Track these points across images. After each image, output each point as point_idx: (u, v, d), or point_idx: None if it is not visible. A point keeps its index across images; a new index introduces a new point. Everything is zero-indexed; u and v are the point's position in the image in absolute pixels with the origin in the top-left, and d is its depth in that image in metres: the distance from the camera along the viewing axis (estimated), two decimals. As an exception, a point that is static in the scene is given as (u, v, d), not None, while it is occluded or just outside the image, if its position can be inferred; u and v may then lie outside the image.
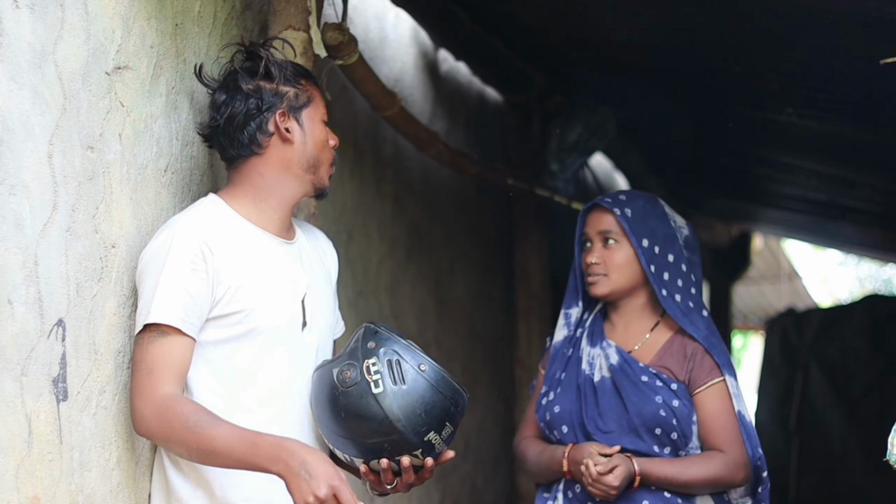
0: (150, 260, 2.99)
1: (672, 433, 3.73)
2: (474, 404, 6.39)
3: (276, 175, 3.19)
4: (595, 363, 3.87)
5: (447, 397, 2.99)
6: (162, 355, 2.94)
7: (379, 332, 3.05)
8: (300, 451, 2.83)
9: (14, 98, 2.53)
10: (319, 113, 3.23)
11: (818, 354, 9.69)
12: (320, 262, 3.39)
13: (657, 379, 3.78)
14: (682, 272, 3.87)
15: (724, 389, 3.81)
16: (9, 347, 2.50)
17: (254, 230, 3.17)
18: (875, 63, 3.06)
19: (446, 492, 5.84)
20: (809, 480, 9.61)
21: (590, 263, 3.87)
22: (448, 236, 6.16)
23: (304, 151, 3.19)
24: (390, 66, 5.35)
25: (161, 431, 2.92)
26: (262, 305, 3.10)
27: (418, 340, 3.72)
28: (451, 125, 6.10)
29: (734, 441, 3.77)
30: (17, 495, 2.53)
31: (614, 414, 3.77)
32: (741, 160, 7.83)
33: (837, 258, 21.43)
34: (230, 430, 2.88)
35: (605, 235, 3.86)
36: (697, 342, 3.82)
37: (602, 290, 3.86)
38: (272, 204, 3.20)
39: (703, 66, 5.06)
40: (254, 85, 3.15)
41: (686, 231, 3.93)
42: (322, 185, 3.27)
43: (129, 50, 2.97)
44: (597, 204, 3.91)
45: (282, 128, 3.16)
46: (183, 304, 2.96)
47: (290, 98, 3.18)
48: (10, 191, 2.51)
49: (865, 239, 10.96)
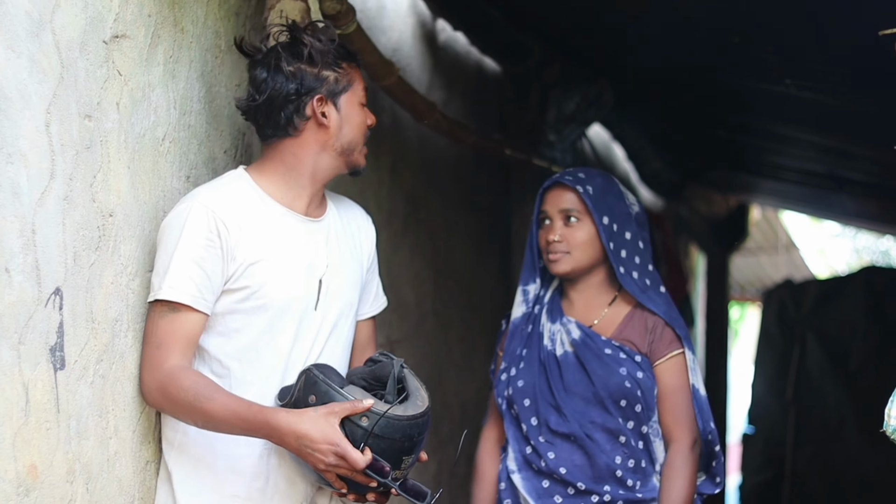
0: (166, 229, 3.07)
1: (637, 405, 3.78)
2: (470, 374, 6.40)
3: (310, 156, 3.22)
4: (556, 338, 3.90)
5: (396, 439, 2.96)
6: (172, 331, 3.02)
7: (318, 383, 3.01)
8: (291, 427, 2.91)
9: (11, 67, 2.53)
10: (358, 96, 3.25)
11: (815, 326, 9.71)
12: (351, 240, 3.40)
13: (620, 351, 3.82)
14: (639, 249, 3.90)
15: (682, 362, 3.85)
16: (6, 316, 2.51)
17: (276, 207, 3.20)
18: (874, 34, 3.05)
19: (442, 463, 5.85)
20: (805, 451, 9.65)
21: (551, 241, 3.87)
22: (445, 206, 6.15)
23: (339, 135, 3.22)
24: (388, 36, 5.33)
25: (165, 403, 3.03)
26: (273, 283, 3.14)
27: (416, 311, 3.73)
28: (449, 95, 6.09)
29: (686, 419, 3.83)
30: (14, 464, 2.53)
31: (580, 387, 3.81)
32: (739, 131, 7.82)
33: (835, 230, 21.42)
34: (225, 406, 2.97)
35: (567, 213, 3.86)
36: (657, 316, 3.85)
37: (564, 267, 3.87)
38: (302, 182, 3.23)
39: (701, 36, 5.05)
40: (295, 67, 3.16)
41: (636, 208, 3.96)
42: (356, 166, 3.31)
43: (126, 19, 2.96)
44: (558, 181, 3.92)
45: (318, 112, 3.18)
46: (196, 280, 3.03)
47: (329, 83, 3.19)
48: (7, 159, 2.50)
49: (863, 210, 10.96)
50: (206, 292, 3.06)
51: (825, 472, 9.45)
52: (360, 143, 3.27)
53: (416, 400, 3.05)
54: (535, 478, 3.84)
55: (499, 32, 6.05)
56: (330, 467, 2.90)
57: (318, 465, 2.91)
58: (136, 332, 3.05)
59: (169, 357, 3.01)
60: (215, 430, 3.02)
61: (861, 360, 9.27)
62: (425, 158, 5.79)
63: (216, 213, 3.07)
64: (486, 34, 6.11)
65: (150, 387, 3.03)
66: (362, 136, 3.28)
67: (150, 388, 3.03)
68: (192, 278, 3.03)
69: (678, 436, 3.81)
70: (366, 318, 3.51)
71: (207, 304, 3.08)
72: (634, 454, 3.80)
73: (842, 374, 9.42)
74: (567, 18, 5.69)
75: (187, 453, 3.12)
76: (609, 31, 5.64)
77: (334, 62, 3.20)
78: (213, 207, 3.08)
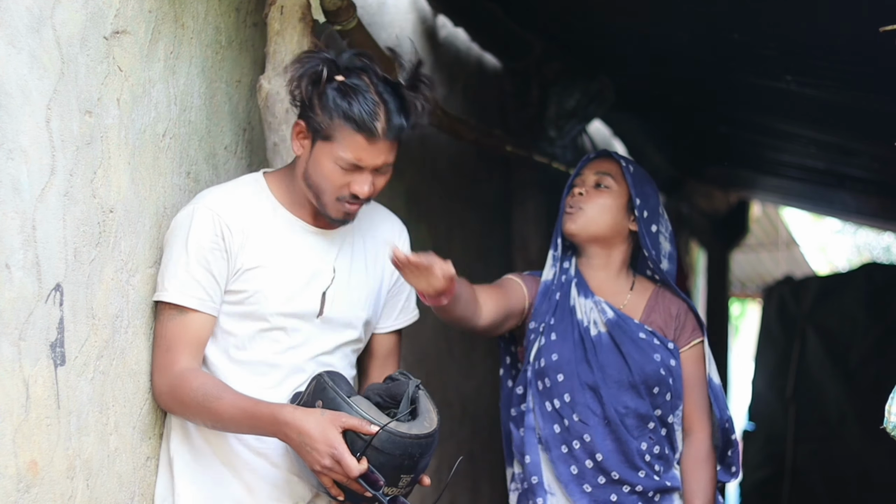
0: (174, 231, 3.09)
1: (667, 393, 3.75)
2: (472, 371, 6.40)
3: (298, 175, 3.19)
4: (590, 316, 3.82)
5: (395, 455, 2.95)
6: (180, 333, 3.06)
7: (327, 389, 3.01)
8: (296, 422, 2.92)
9: (12, 62, 2.53)
10: (334, 155, 3.08)
11: (816, 322, 9.71)
12: (369, 253, 3.36)
13: (654, 337, 3.78)
14: (659, 244, 3.87)
15: (701, 351, 3.85)
16: (6, 312, 2.51)
17: (286, 215, 3.21)
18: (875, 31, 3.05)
19: (443, 458, 5.85)
20: (806, 448, 9.65)
21: (574, 195, 3.82)
22: (446, 203, 6.15)
23: (307, 172, 3.14)
24: (389, 32, 5.33)
25: (176, 405, 3.08)
26: (267, 290, 3.15)
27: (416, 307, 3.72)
28: (450, 91, 6.08)
29: (704, 409, 3.83)
30: (14, 460, 2.53)
31: (614, 370, 3.74)
32: (740, 127, 7.82)
33: (835, 226, 21.41)
34: (233, 404, 3.00)
35: (601, 178, 3.81)
36: (681, 300, 3.84)
37: (575, 224, 3.80)
38: (302, 197, 3.20)
39: (702, 32, 5.05)
40: (309, 88, 3.09)
41: (664, 211, 3.93)
42: (325, 212, 3.18)
43: (127, 14, 2.96)
44: (603, 153, 3.91)
45: (295, 135, 3.14)
46: (203, 282, 3.07)
47: (314, 121, 3.09)
48: (7, 155, 2.50)
49: (863, 207, 10.95)
50: (214, 294, 3.09)
51: (825, 469, 9.45)
52: (327, 193, 3.12)
53: (424, 421, 3.03)
54: (566, 461, 3.75)
55: (499, 29, 6.05)
56: (325, 469, 2.91)
57: (315, 466, 2.92)
58: (137, 328, 3.05)
59: (178, 360, 3.05)
60: (225, 429, 3.06)
61: (861, 357, 9.27)
62: (426, 155, 5.79)
63: (220, 216, 3.09)
64: (487, 30, 6.11)
65: (162, 390, 3.08)
66: (332, 191, 3.12)
67: (162, 391, 3.08)
68: (199, 281, 3.06)
69: (698, 427, 3.81)
70: (388, 331, 3.49)
71: (215, 307, 3.10)
72: (659, 441, 3.76)
73: (842, 370, 9.42)
74: (567, 14, 5.69)
75: (188, 449, 3.13)
76: (609, 27, 5.63)
77: (333, 112, 3.06)
78: (217, 210, 3.09)
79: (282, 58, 3.40)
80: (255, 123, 3.65)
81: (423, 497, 3.57)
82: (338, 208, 3.15)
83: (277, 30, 3.42)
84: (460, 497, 6.21)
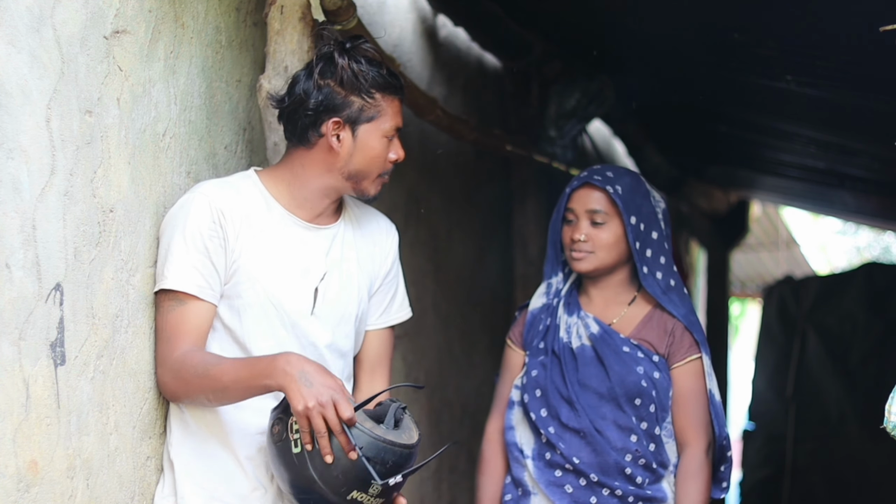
0: (170, 221, 3.09)
1: (651, 405, 3.78)
2: (472, 370, 6.40)
3: (316, 172, 3.21)
4: (573, 331, 3.88)
5: (372, 459, 2.90)
6: (180, 323, 3.06)
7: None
8: (300, 361, 2.89)
9: (12, 62, 2.53)
10: (382, 129, 3.18)
11: (816, 322, 9.71)
12: (363, 250, 3.37)
13: (638, 350, 3.82)
14: (665, 249, 3.89)
15: (699, 367, 3.85)
16: (7, 311, 2.51)
17: (279, 211, 3.21)
18: (875, 30, 3.05)
19: (443, 458, 5.85)
20: (806, 448, 9.66)
21: (576, 240, 3.86)
22: (446, 202, 6.15)
23: (348, 162, 3.18)
24: (389, 32, 5.33)
25: (180, 387, 3.05)
26: (256, 285, 3.15)
27: (416, 306, 3.73)
28: (450, 91, 6.08)
29: (701, 423, 3.84)
30: (14, 459, 2.53)
31: (595, 382, 3.80)
32: (740, 127, 7.82)
33: (835, 226, 21.44)
34: (232, 362, 3.01)
35: (594, 213, 3.84)
36: (677, 319, 3.85)
37: (587, 266, 3.86)
38: (306, 194, 3.23)
39: (702, 32, 5.05)
40: (324, 82, 3.14)
41: (662, 205, 3.94)
42: (364, 194, 3.26)
43: (127, 14, 2.96)
44: (587, 181, 3.89)
45: (330, 135, 3.16)
46: (201, 269, 3.07)
47: (352, 109, 3.14)
48: (7, 155, 2.50)
49: (863, 207, 10.96)
50: (213, 282, 3.09)
51: (826, 469, 9.45)
52: (371, 174, 3.22)
53: (402, 433, 2.99)
54: (546, 468, 3.84)
55: (499, 28, 6.04)
56: (315, 407, 2.82)
57: (308, 401, 2.82)
58: (137, 327, 3.05)
59: (179, 348, 3.04)
60: (226, 395, 3.01)
61: (861, 357, 9.28)
62: (426, 154, 5.79)
63: (217, 204, 3.09)
64: (487, 30, 6.10)
65: (166, 378, 3.06)
66: (377, 169, 3.23)
67: (166, 378, 3.06)
68: (197, 268, 3.06)
69: (693, 440, 3.82)
70: (378, 327, 3.48)
71: (214, 294, 3.10)
72: (645, 454, 3.78)
73: (842, 370, 9.42)
74: (567, 14, 5.69)
75: (188, 448, 3.13)
76: (609, 27, 5.63)
77: (366, 90, 3.15)
78: (214, 199, 3.10)
79: (282, 57, 3.40)
80: (255, 123, 3.65)
81: (423, 497, 3.57)
82: (377, 184, 3.26)
83: (277, 29, 3.42)
84: (460, 497, 6.20)
